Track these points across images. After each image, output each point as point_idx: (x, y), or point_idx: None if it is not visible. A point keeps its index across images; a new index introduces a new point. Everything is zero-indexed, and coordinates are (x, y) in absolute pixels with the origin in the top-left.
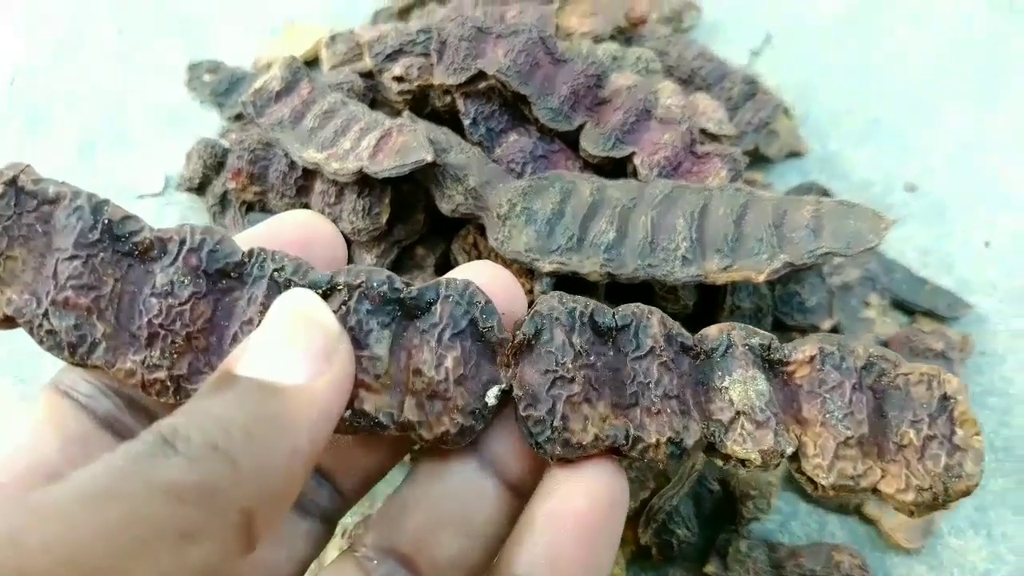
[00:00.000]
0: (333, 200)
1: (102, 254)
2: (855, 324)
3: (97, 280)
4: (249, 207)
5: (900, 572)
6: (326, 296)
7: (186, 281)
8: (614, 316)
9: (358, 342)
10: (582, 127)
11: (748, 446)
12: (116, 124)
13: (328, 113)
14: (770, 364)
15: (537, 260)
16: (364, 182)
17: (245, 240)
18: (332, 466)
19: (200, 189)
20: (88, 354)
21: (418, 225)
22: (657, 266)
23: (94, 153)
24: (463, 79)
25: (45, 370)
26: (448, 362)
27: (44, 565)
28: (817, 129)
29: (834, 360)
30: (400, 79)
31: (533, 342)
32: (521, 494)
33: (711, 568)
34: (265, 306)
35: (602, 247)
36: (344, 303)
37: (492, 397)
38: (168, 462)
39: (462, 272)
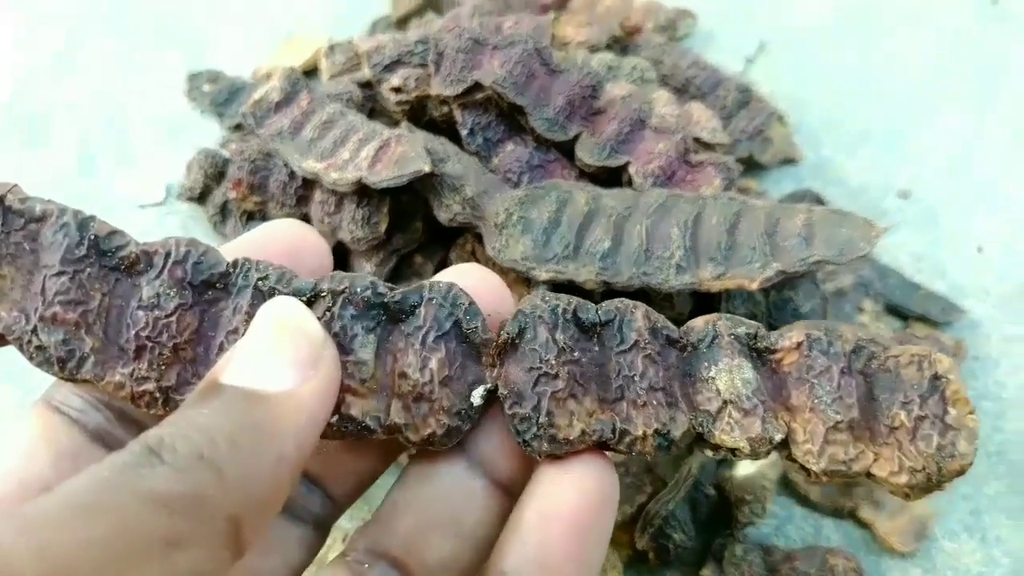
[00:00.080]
0: (332, 209)
1: (89, 269)
2: None
3: (84, 295)
4: (250, 216)
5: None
6: (310, 303)
7: (172, 293)
8: (598, 312)
9: (343, 347)
10: (578, 137)
11: (736, 435)
12: (117, 134)
13: (327, 124)
14: (758, 353)
15: (534, 269)
16: (363, 192)
17: (232, 250)
18: (322, 472)
19: (201, 199)
20: (77, 368)
21: (416, 234)
22: (652, 274)
23: (95, 163)
24: (460, 90)
25: (48, 379)
26: (433, 364)
27: (31, 575)
28: (811, 136)
29: (821, 345)
30: (398, 90)
31: (517, 341)
32: (512, 494)
33: (707, 572)
34: (250, 315)
35: (598, 255)
36: (328, 309)
37: (478, 397)
38: (154, 472)
39: (450, 275)
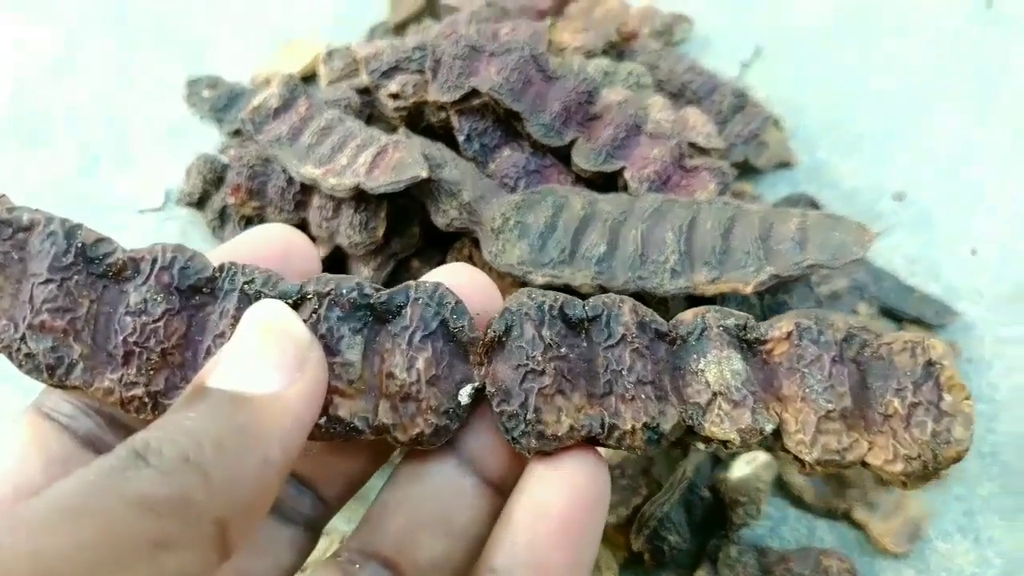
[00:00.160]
0: (331, 215)
1: (76, 277)
2: None
3: (72, 302)
4: (248, 222)
5: None
6: (297, 306)
7: (159, 299)
8: (585, 307)
9: (330, 349)
10: (574, 142)
11: (726, 426)
12: (116, 139)
13: (325, 130)
14: (748, 344)
15: (530, 273)
16: (361, 197)
17: (220, 255)
18: (313, 474)
19: (200, 204)
20: (66, 375)
21: (414, 239)
22: (647, 278)
23: (95, 168)
24: (457, 97)
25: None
26: (419, 363)
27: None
28: (806, 140)
29: (812, 334)
30: (396, 96)
31: (504, 339)
32: (503, 492)
33: (702, 573)
34: (236, 319)
35: (593, 260)
36: (315, 311)
37: (465, 396)
38: (140, 475)
39: (438, 274)
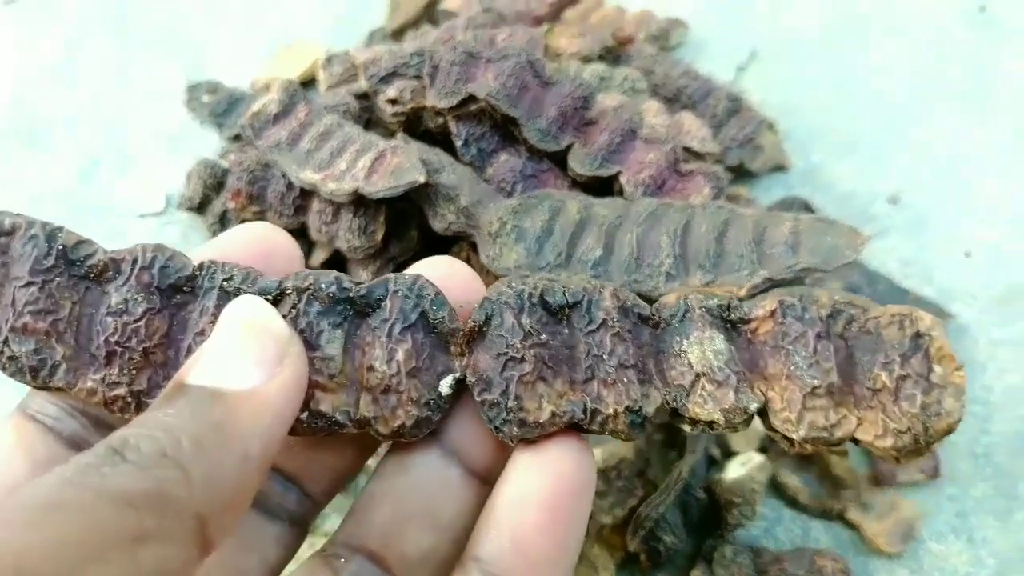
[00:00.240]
0: (330, 219)
1: (58, 279)
2: None
3: (54, 304)
4: None
5: None
6: (276, 302)
7: (139, 298)
8: (565, 294)
9: (310, 344)
10: (570, 147)
11: (710, 407)
12: (117, 144)
13: (324, 135)
14: (732, 324)
15: (527, 277)
16: (360, 202)
17: (203, 255)
18: (298, 470)
19: (200, 208)
20: (50, 377)
21: (412, 243)
22: (642, 282)
23: (96, 173)
24: (454, 102)
25: None
26: (399, 355)
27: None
28: (801, 143)
29: (795, 311)
30: (394, 101)
31: (485, 328)
32: (489, 483)
33: (697, 573)
34: (216, 316)
35: (589, 264)
36: (294, 307)
37: (446, 387)
38: (117, 470)
39: (420, 267)
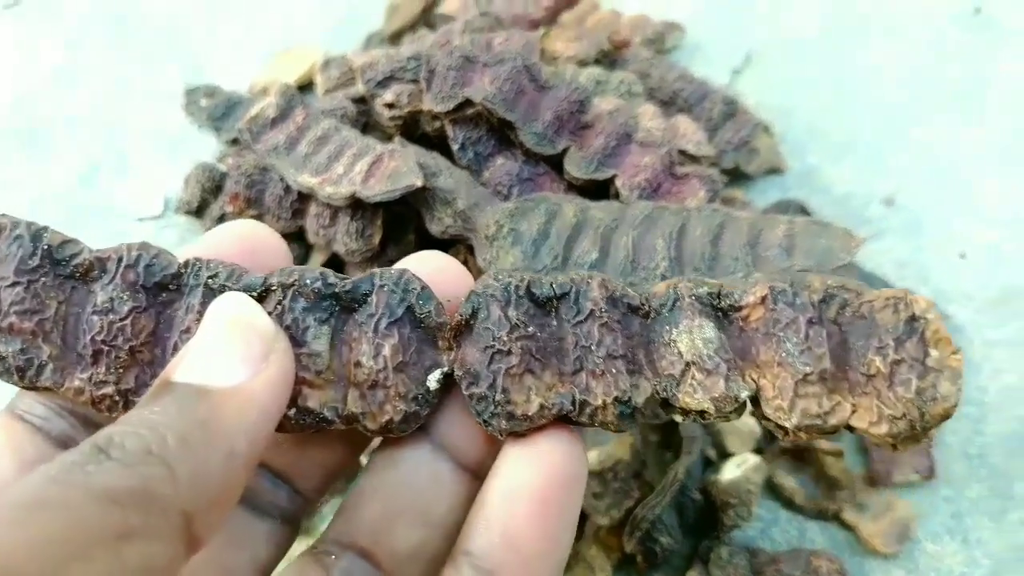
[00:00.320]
0: (327, 222)
1: (43, 279)
2: None
3: (40, 304)
4: None
5: None
6: (261, 298)
7: (125, 297)
8: (552, 286)
9: (296, 340)
10: (566, 151)
11: (700, 396)
12: (116, 148)
13: (322, 139)
14: (723, 312)
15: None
16: (357, 205)
17: (189, 253)
18: (288, 467)
19: (198, 212)
20: (37, 376)
21: (409, 246)
22: (638, 284)
23: (95, 177)
24: (451, 107)
25: None
26: (386, 350)
27: None
28: (797, 145)
29: (787, 297)
30: (391, 105)
31: (472, 322)
32: (480, 477)
33: (694, 574)
34: (201, 314)
35: (585, 266)
36: (279, 303)
37: (434, 381)
38: (101, 468)
39: (410, 262)
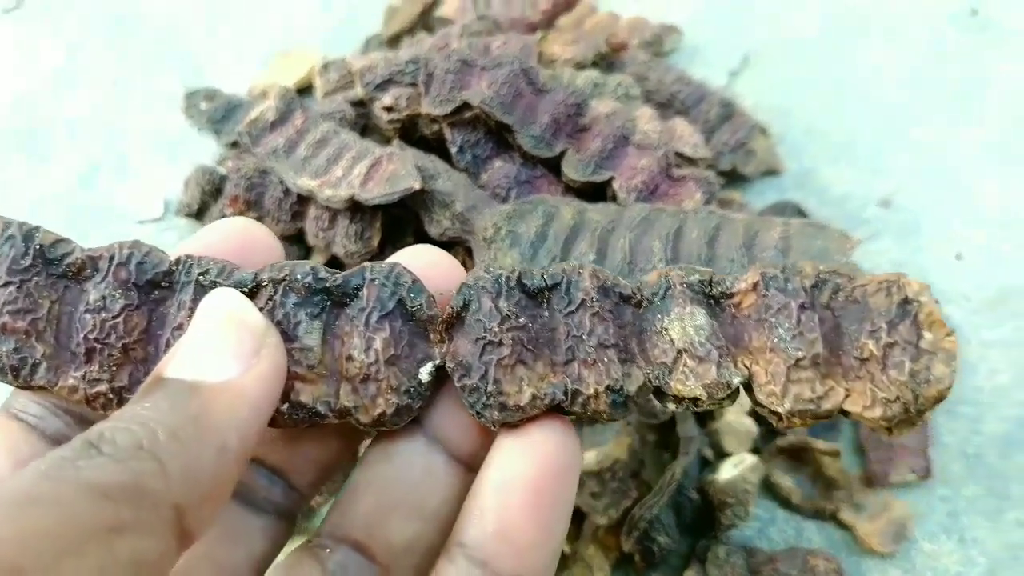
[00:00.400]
0: (327, 225)
1: (36, 278)
2: None
3: (32, 303)
4: None
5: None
6: (253, 294)
7: (117, 295)
8: (543, 276)
9: (288, 335)
10: (563, 153)
11: (692, 383)
12: (116, 151)
13: (321, 142)
14: (715, 300)
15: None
16: (356, 208)
17: (182, 251)
18: (282, 463)
19: (199, 214)
20: (31, 375)
21: None
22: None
23: (95, 179)
24: (449, 110)
25: None
26: (377, 344)
27: None
28: (794, 147)
29: (778, 283)
30: (390, 109)
31: (463, 314)
32: (474, 469)
33: (691, 573)
34: (193, 310)
35: None
36: (270, 298)
37: (425, 374)
38: (92, 463)
39: (402, 256)
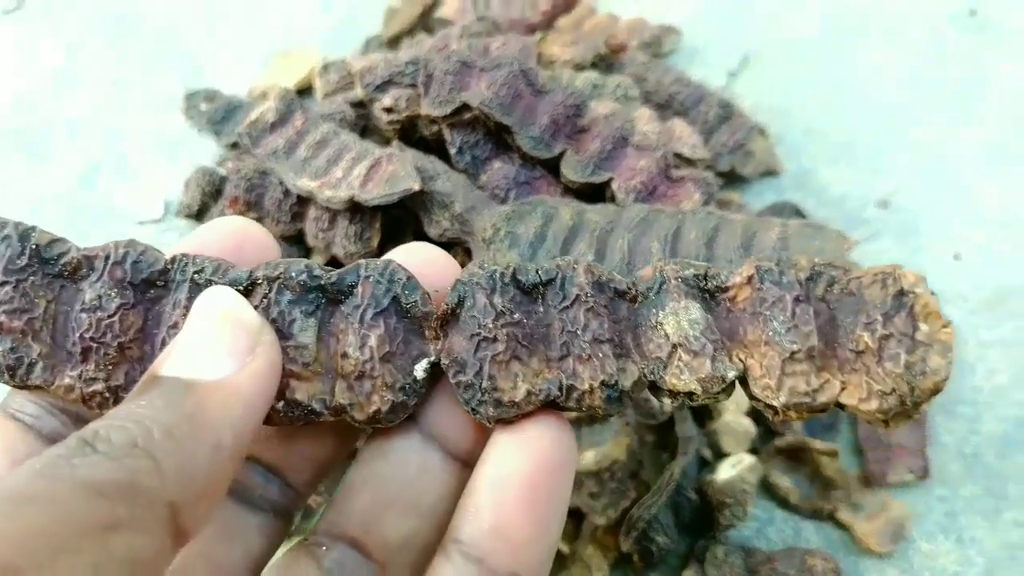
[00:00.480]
0: (326, 226)
1: (32, 278)
2: None
3: (29, 303)
4: None
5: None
6: (248, 292)
7: (113, 294)
8: (538, 272)
9: (283, 333)
10: (562, 154)
11: (686, 377)
12: (116, 152)
13: (321, 143)
14: (710, 294)
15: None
16: (356, 208)
17: (178, 250)
18: (278, 461)
19: (199, 215)
20: (27, 375)
21: None
22: None
23: (95, 179)
24: (448, 111)
25: None
26: (372, 341)
27: None
28: (793, 147)
29: (773, 276)
30: (389, 110)
31: (458, 311)
32: (470, 466)
33: (689, 573)
34: (188, 309)
35: None
36: (265, 296)
37: (420, 371)
38: (87, 460)
39: (398, 254)
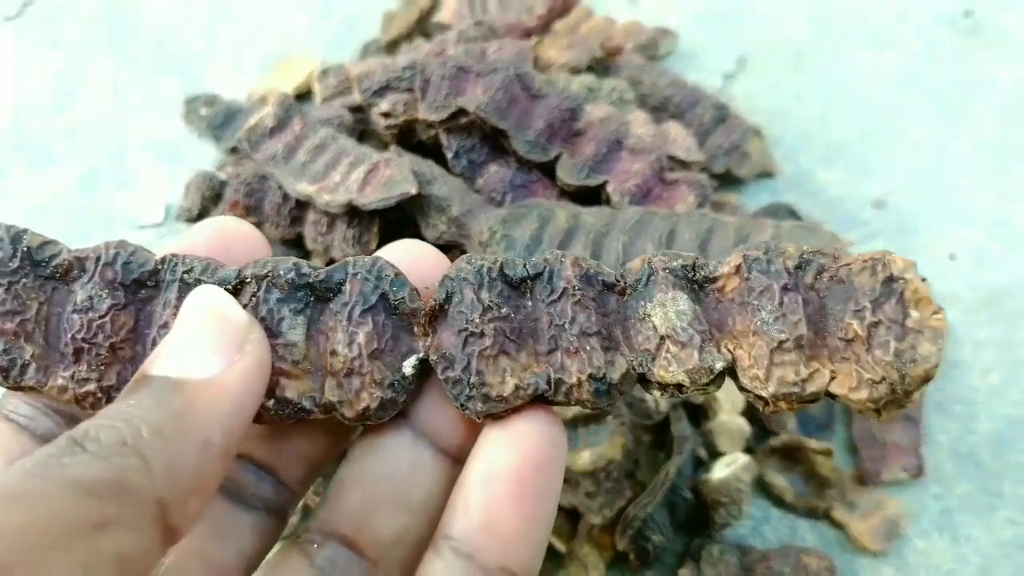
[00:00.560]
0: (325, 229)
1: (24, 280)
2: None
3: (21, 305)
4: None
5: (867, 574)
6: (236, 290)
7: (104, 295)
8: (526, 266)
9: (272, 331)
10: (558, 158)
11: (674, 369)
12: (117, 157)
13: (319, 148)
14: (698, 285)
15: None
16: (354, 213)
17: (168, 250)
18: (271, 459)
19: (199, 219)
20: (20, 376)
21: None
22: None
23: (96, 185)
24: (445, 116)
25: None
26: (360, 338)
27: None
28: (789, 148)
29: (760, 265)
30: (387, 114)
31: (446, 306)
32: (461, 462)
33: (685, 572)
34: (178, 308)
35: None
36: (254, 295)
37: (409, 367)
38: (76, 459)
39: (388, 251)
